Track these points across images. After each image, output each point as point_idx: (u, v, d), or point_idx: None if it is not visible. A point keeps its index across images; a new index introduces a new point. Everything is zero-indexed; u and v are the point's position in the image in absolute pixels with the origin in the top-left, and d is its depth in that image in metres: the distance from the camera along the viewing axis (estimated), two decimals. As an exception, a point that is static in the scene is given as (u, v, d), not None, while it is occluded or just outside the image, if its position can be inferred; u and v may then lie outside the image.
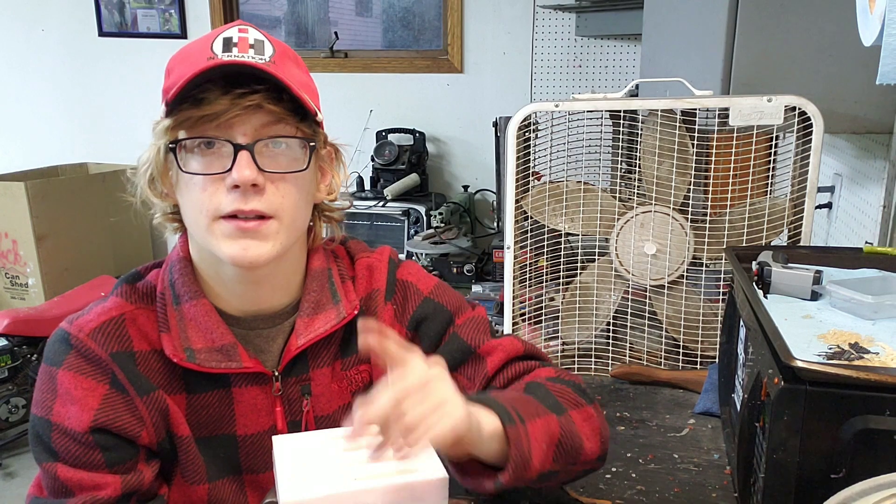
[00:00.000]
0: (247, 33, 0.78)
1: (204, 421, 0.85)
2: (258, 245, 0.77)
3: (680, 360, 1.33)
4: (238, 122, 0.75)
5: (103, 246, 3.66)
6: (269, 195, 0.76)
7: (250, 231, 0.76)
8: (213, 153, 0.76)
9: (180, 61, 0.78)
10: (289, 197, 0.78)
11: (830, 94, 1.28)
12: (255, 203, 0.75)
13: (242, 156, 0.74)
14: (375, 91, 3.66)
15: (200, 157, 0.76)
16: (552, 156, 1.32)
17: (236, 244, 0.76)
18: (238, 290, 0.84)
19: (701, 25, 1.50)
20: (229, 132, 0.75)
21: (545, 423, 0.75)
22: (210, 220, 0.76)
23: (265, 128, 0.76)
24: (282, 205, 0.77)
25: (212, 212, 0.76)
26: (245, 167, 0.74)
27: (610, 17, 3.12)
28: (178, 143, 0.76)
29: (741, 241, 1.26)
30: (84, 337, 0.79)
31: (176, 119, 0.75)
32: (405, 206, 3.27)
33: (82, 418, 0.77)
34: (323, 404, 0.89)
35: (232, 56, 0.75)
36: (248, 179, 0.74)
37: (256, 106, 0.74)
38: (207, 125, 0.74)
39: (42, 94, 4.08)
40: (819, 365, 0.68)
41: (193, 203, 0.77)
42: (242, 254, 0.76)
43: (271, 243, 0.77)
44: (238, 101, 0.73)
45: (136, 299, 0.84)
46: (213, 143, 0.75)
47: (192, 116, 0.74)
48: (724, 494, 0.96)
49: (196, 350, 0.81)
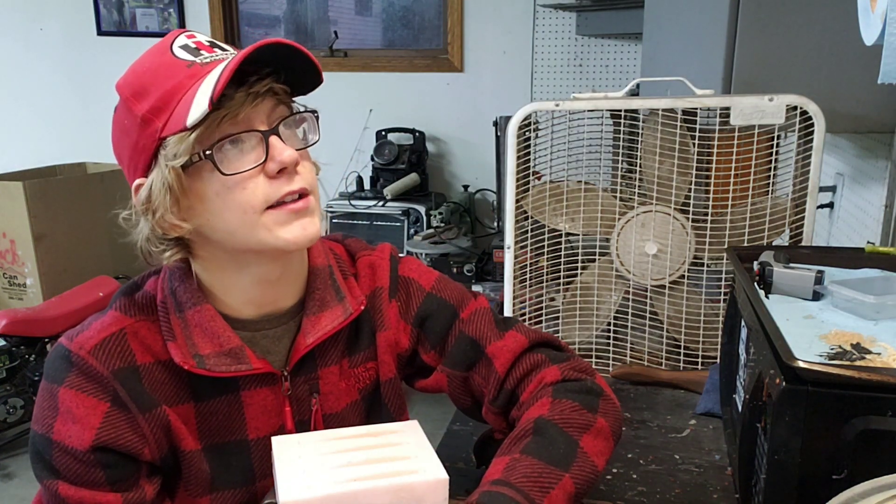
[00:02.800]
0: (196, 38, 0.78)
1: (215, 428, 0.84)
2: (310, 222, 0.78)
3: (681, 360, 1.33)
4: (252, 113, 0.75)
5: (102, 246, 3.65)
6: (303, 171, 0.78)
7: (303, 209, 0.77)
8: (237, 151, 0.75)
9: (151, 80, 0.75)
10: (310, 171, 0.80)
11: (832, 94, 1.28)
12: (300, 182, 0.77)
13: (274, 140, 0.75)
14: (375, 90, 3.65)
15: (226, 161, 0.74)
16: (552, 155, 1.31)
17: (294, 227, 0.77)
18: (253, 291, 0.83)
19: (702, 24, 1.50)
20: (248, 124, 0.75)
21: (561, 491, 0.75)
22: (259, 213, 0.76)
23: (273, 111, 0.77)
24: (312, 180, 0.79)
25: (258, 205, 0.75)
26: (284, 149, 0.75)
27: (610, 16, 3.12)
28: (210, 148, 0.73)
29: (742, 240, 1.26)
30: (85, 354, 0.78)
31: (205, 124, 0.72)
32: (405, 205, 3.26)
33: (84, 437, 0.76)
34: (331, 402, 0.89)
35: (209, 57, 0.75)
36: (294, 157, 0.75)
37: (267, 91, 0.75)
38: (225, 125, 0.73)
39: (40, 93, 4.08)
40: (821, 365, 0.67)
41: (235, 206, 0.75)
42: (303, 233, 0.77)
43: (316, 217, 0.79)
44: (253, 91, 0.73)
45: (136, 312, 0.82)
46: (237, 140, 0.74)
47: (216, 118, 0.72)
48: (725, 495, 0.95)
49: (205, 356, 0.80)
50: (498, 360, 0.88)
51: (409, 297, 0.93)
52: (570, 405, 0.82)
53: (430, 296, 0.93)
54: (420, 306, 0.92)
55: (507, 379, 0.88)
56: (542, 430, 0.79)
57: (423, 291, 0.93)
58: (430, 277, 0.95)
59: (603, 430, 0.82)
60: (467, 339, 0.91)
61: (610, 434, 0.83)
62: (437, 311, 0.92)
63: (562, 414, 0.81)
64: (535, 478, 0.74)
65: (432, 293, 0.93)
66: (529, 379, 0.87)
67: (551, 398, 0.83)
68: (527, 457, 0.76)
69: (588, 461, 0.78)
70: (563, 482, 0.75)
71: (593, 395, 0.85)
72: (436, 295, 0.93)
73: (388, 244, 0.97)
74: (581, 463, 0.78)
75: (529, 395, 0.86)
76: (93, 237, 3.60)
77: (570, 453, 0.78)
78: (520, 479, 0.74)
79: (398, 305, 0.92)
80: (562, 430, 0.80)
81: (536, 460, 0.76)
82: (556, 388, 0.85)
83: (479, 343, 0.90)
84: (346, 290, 0.89)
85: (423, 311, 0.92)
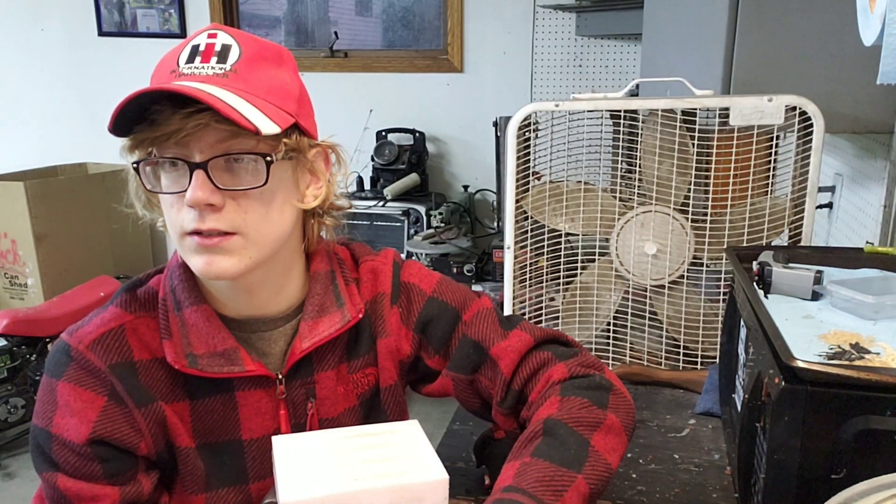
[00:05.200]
0: (216, 38, 0.77)
1: (209, 426, 0.84)
2: (222, 259, 0.76)
3: (680, 360, 1.33)
4: (193, 140, 0.73)
5: (102, 246, 3.66)
6: (229, 212, 0.75)
7: (212, 247, 0.75)
8: (175, 171, 0.75)
9: (156, 70, 0.78)
10: (252, 212, 0.76)
11: (831, 94, 1.28)
12: (212, 222, 0.74)
13: (197, 175, 0.73)
14: (375, 91, 3.65)
15: (167, 174, 0.75)
16: (552, 156, 1.32)
17: (201, 258, 0.76)
18: (232, 296, 0.84)
19: (701, 25, 1.50)
20: (186, 150, 0.74)
21: (575, 493, 0.74)
22: (179, 235, 0.77)
23: (220, 143, 0.74)
24: (244, 220, 0.76)
25: (178, 228, 0.76)
26: (198, 188, 0.73)
27: (610, 16, 3.12)
28: (139, 163, 0.76)
29: (742, 241, 1.26)
30: (84, 349, 0.79)
31: (134, 139, 0.74)
32: (405, 206, 3.26)
33: (81, 430, 0.77)
34: (328, 407, 0.89)
35: (191, 68, 0.75)
36: (201, 200, 0.73)
37: (205, 125, 0.72)
38: (166, 143, 0.73)
39: (41, 93, 4.08)
40: (820, 365, 0.67)
41: (166, 218, 0.79)
42: (207, 268, 0.76)
43: (237, 258, 0.76)
44: (187, 120, 0.71)
45: (137, 308, 0.83)
46: (174, 162, 0.74)
47: (148, 137, 0.73)
48: (724, 495, 0.95)
49: (198, 356, 0.81)
50: (503, 360, 0.88)
51: (411, 302, 0.92)
52: (579, 403, 0.81)
53: (431, 300, 0.92)
54: (421, 311, 0.92)
55: (513, 379, 0.87)
56: (551, 431, 0.79)
57: (424, 296, 0.92)
58: (432, 281, 0.94)
59: (614, 426, 0.81)
60: (470, 341, 0.90)
61: (622, 429, 0.81)
62: (439, 315, 0.91)
63: (571, 412, 0.80)
64: (547, 481, 0.73)
65: (434, 297, 0.92)
66: (537, 378, 0.86)
67: (560, 396, 0.82)
68: (538, 460, 0.75)
69: (601, 459, 0.77)
70: (577, 483, 0.74)
71: (602, 390, 0.84)
72: (437, 298, 0.92)
73: (392, 249, 0.96)
74: (594, 462, 0.77)
75: (538, 394, 0.85)
76: (94, 237, 3.61)
77: (581, 453, 0.77)
78: (532, 483, 0.73)
79: (400, 311, 0.92)
80: (572, 429, 0.79)
81: (548, 463, 0.75)
82: (565, 386, 0.84)
83: (482, 345, 0.89)
84: (347, 296, 0.88)
85: (425, 315, 0.92)
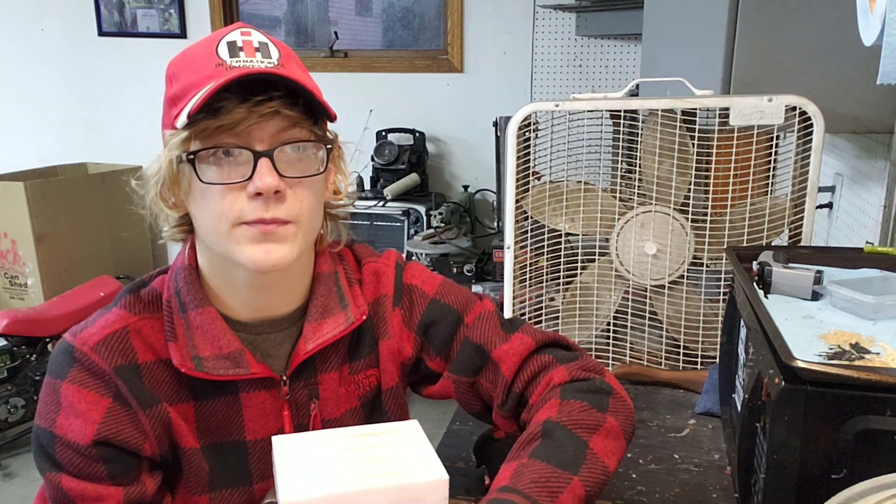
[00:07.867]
0: (250, 36, 0.78)
1: (213, 427, 0.85)
2: (279, 248, 0.77)
3: (680, 360, 1.33)
4: (255, 129, 0.74)
5: (102, 246, 3.66)
6: (290, 201, 0.77)
7: (272, 233, 0.76)
8: (230, 161, 0.75)
9: (185, 68, 0.77)
10: (306, 201, 0.78)
11: (831, 94, 1.28)
12: (276, 210, 0.76)
13: (263, 163, 0.74)
14: (375, 91, 3.65)
15: (216, 167, 0.75)
16: (552, 156, 1.31)
17: (259, 248, 0.76)
18: (247, 295, 0.84)
19: (701, 25, 1.50)
20: (247, 140, 0.74)
21: (570, 495, 0.75)
22: (231, 225, 0.76)
23: (281, 133, 0.76)
24: (300, 209, 0.77)
25: (233, 219, 0.76)
26: (267, 174, 0.74)
27: (610, 16, 3.12)
28: (196, 153, 0.75)
29: (742, 241, 1.26)
30: (88, 350, 0.79)
31: (193, 130, 0.74)
32: (405, 205, 3.26)
33: (85, 431, 0.77)
34: (330, 408, 0.89)
35: (240, 61, 0.75)
36: (272, 187, 0.74)
37: (273, 112, 0.74)
38: (224, 134, 0.74)
39: (41, 93, 4.08)
40: (820, 365, 0.67)
41: (211, 211, 0.77)
42: (266, 257, 0.76)
43: (290, 245, 0.78)
44: (256, 109, 0.73)
45: (141, 309, 0.83)
46: (231, 151, 0.75)
47: (209, 127, 0.73)
48: (724, 495, 0.95)
49: (204, 358, 0.81)
50: (504, 363, 0.88)
51: (413, 304, 0.92)
52: (578, 406, 0.82)
53: (433, 302, 0.93)
54: (423, 313, 0.92)
55: (514, 382, 0.88)
56: (550, 433, 0.79)
57: (426, 298, 0.93)
58: (434, 283, 0.94)
59: (613, 429, 0.81)
60: (472, 344, 0.90)
61: (620, 433, 0.82)
62: (441, 318, 0.92)
63: (570, 415, 0.81)
64: (543, 482, 0.74)
65: (436, 299, 0.93)
66: (537, 381, 0.87)
67: (559, 399, 0.83)
68: (535, 461, 0.76)
69: (598, 462, 0.78)
70: (573, 485, 0.75)
71: (602, 393, 0.84)
72: (439, 301, 0.93)
73: (395, 251, 0.97)
74: (591, 464, 0.77)
75: (538, 397, 0.85)
76: (94, 237, 3.61)
77: (579, 455, 0.77)
78: (528, 484, 0.73)
79: (402, 313, 0.92)
80: (570, 431, 0.79)
81: (545, 464, 0.75)
82: (565, 389, 0.84)
83: (484, 348, 0.90)
84: (350, 297, 0.89)
85: (427, 317, 0.92)
